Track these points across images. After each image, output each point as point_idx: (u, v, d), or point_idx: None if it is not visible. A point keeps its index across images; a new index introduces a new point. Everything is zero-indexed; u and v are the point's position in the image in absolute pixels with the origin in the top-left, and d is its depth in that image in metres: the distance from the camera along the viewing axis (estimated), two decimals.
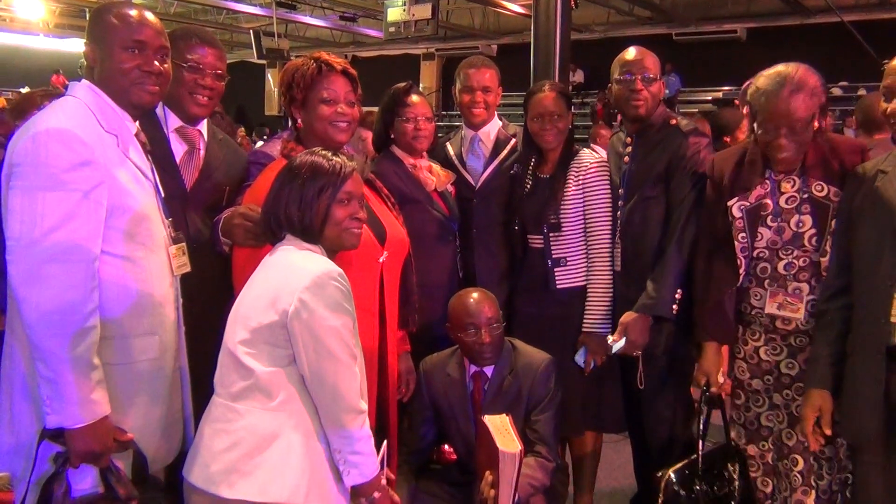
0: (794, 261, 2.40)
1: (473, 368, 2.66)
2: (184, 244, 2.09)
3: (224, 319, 1.97)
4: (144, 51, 1.95)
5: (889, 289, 2.11)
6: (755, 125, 2.40)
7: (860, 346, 2.21)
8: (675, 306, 2.68)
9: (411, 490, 2.63)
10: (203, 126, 2.46)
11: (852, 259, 2.26)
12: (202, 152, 2.42)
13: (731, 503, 2.46)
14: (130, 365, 1.93)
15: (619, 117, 3.14)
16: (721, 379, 2.55)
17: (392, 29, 11.40)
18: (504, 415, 2.41)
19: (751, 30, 14.88)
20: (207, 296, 2.24)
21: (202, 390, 2.03)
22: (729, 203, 2.47)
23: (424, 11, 10.97)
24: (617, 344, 2.72)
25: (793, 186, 2.42)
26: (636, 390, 2.90)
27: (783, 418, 2.48)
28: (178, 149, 2.38)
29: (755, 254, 2.45)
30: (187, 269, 2.09)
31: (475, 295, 2.64)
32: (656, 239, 2.73)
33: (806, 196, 2.39)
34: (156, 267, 1.98)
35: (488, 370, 2.65)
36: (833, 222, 2.34)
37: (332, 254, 1.98)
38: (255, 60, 16.78)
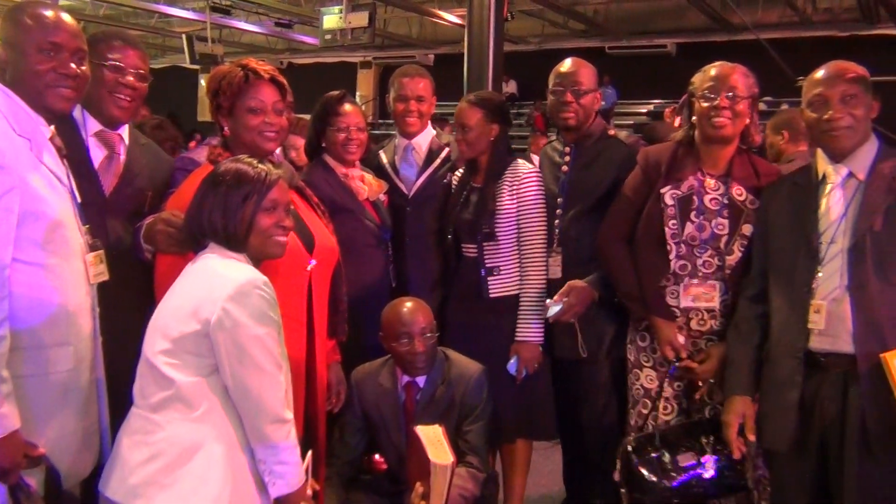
0: (710, 259, 2.48)
1: (406, 378, 2.64)
2: (101, 252, 2.02)
3: (144, 328, 1.91)
4: (60, 53, 1.89)
5: (805, 296, 2.19)
6: (696, 104, 2.49)
7: (778, 352, 2.28)
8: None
9: (341, 502, 2.59)
10: (124, 130, 2.38)
11: (769, 267, 2.34)
12: (122, 157, 2.35)
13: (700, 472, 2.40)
14: (44, 377, 1.85)
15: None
16: (681, 339, 2.53)
17: (328, 36, 11.33)
18: (437, 425, 2.39)
19: (680, 45, 15.31)
20: (128, 304, 2.17)
21: (121, 402, 1.97)
22: (662, 190, 2.53)
23: (361, 20, 10.94)
24: (553, 307, 2.70)
25: (716, 188, 2.51)
26: (568, 397, 2.94)
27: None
28: (98, 154, 2.31)
29: (676, 248, 2.50)
30: (105, 277, 2.03)
31: (409, 304, 2.63)
32: None
33: (726, 201, 2.49)
34: (71, 275, 1.91)
35: (420, 380, 2.63)
36: (744, 226, 2.44)
37: (256, 262, 1.95)
38: (188, 65, 16.46)
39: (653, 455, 2.42)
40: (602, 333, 2.81)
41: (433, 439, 2.31)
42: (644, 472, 2.41)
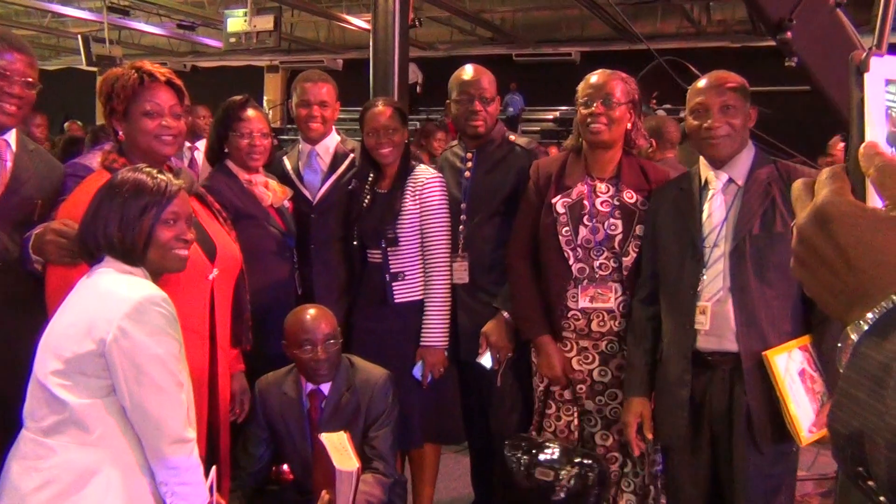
0: (606, 261, 2.56)
1: (310, 387, 2.62)
2: None
3: (35, 345, 1.82)
4: None
5: (692, 297, 2.30)
6: (578, 112, 2.58)
7: (669, 352, 2.38)
8: None
9: None
10: (10, 136, 2.27)
11: (658, 270, 2.44)
12: (9, 164, 2.24)
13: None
14: None
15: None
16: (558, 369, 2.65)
17: (233, 39, 11.10)
18: (342, 432, 2.39)
19: (584, 53, 15.71)
20: (15, 320, 2.08)
21: (8, 423, 1.87)
22: (553, 201, 2.60)
23: (266, 23, 10.76)
24: (485, 358, 2.77)
25: (607, 192, 2.59)
26: (475, 400, 2.97)
27: (596, 422, 2.62)
28: None
29: (573, 254, 2.57)
30: None
31: (311, 311, 2.61)
32: (504, 252, 2.80)
33: (618, 203, 2.57)
34: None
35: (325, 388, 2.61)
36: (638, 227, 2.52)
37: (155, 276, 1.88)
38: (85, 67, 15.81)
39: (521, 456, 2.56)
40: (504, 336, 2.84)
41: (338, 446, 2.30)
42: (512, 467, 2.56)
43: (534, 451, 2.57)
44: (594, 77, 2.59)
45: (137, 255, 1.84)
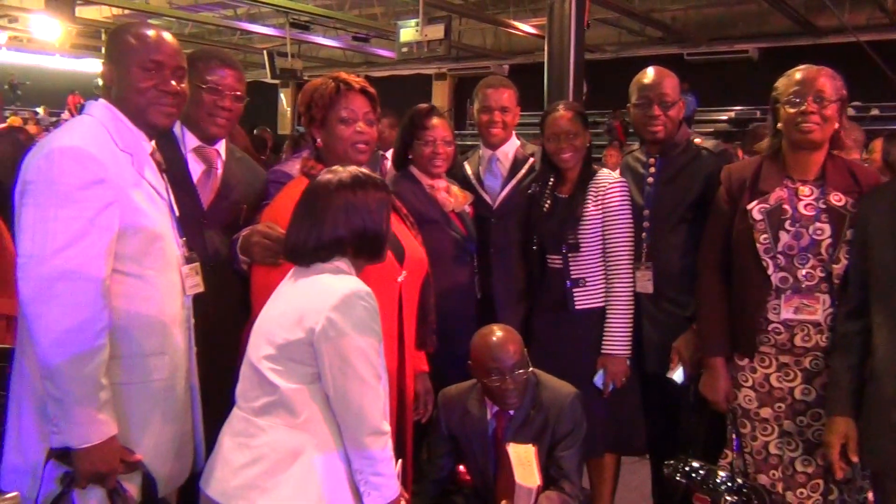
0: (812, 270, 2.35)
1: (496, 408, 2.58)
2: (197, 264, 2.06)
3: (240, 339, 1.94)
4: (161, 70, 1.94)
5: None
6: (781, 110, 2.40)
7: (880, 369, 2.16)
8: None
9: None
10: (221, 145, 2.44)
11: (870, 280, 2.23)
12: (220, 171, 2.41)
13: None
14: (140, 385, 1.90)
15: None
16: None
17: (405, 49, 11.42)
18: (530, 445, 2.36)
19: (762, 50, 14.87)
20: (224, 315, 2.22)
21: (215, 410, 2.01)
22: (748, 206, 2.44)
23: (437, 32, 11.00)
24: (677, 373, 2.68)
25: (810, 194, 2.40)
26: (659, 412, 2.86)
27: (796, 446, 2.42)
28: (196, 168, 2.37)
29: (773, 262, 2.39)
30: (200, 289, 2.07)
31: (499, 334, 2.53)
32: (691, 261, 2.69)
33: (824, 206, 2.37)
34: (167, 286, 1.95)
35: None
36: (849, 232, 2.32)
37: (357, 271, 1.96)
38: (269, 80, 16.87)
39: (680, 479, 2.54)
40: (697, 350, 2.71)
41: (523, 460, 2.29)
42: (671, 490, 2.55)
43: (692, 475, 2.49)
44: (800, 73, 2.40)
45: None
